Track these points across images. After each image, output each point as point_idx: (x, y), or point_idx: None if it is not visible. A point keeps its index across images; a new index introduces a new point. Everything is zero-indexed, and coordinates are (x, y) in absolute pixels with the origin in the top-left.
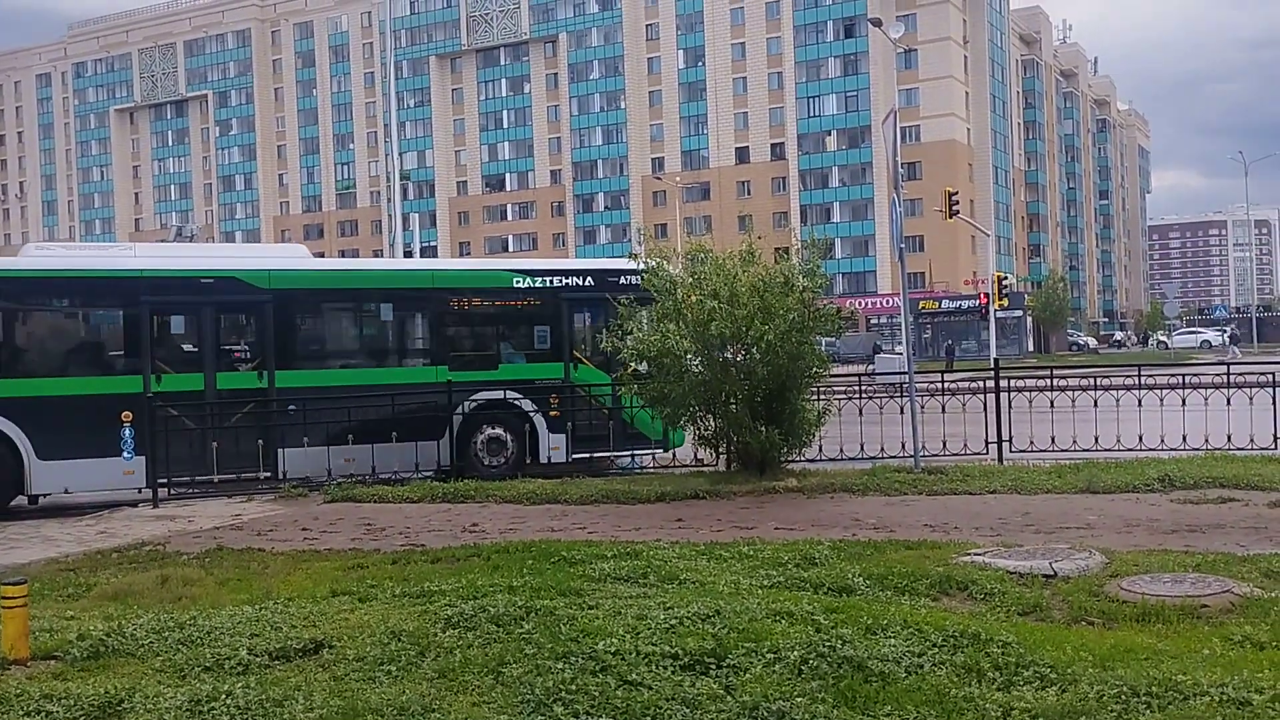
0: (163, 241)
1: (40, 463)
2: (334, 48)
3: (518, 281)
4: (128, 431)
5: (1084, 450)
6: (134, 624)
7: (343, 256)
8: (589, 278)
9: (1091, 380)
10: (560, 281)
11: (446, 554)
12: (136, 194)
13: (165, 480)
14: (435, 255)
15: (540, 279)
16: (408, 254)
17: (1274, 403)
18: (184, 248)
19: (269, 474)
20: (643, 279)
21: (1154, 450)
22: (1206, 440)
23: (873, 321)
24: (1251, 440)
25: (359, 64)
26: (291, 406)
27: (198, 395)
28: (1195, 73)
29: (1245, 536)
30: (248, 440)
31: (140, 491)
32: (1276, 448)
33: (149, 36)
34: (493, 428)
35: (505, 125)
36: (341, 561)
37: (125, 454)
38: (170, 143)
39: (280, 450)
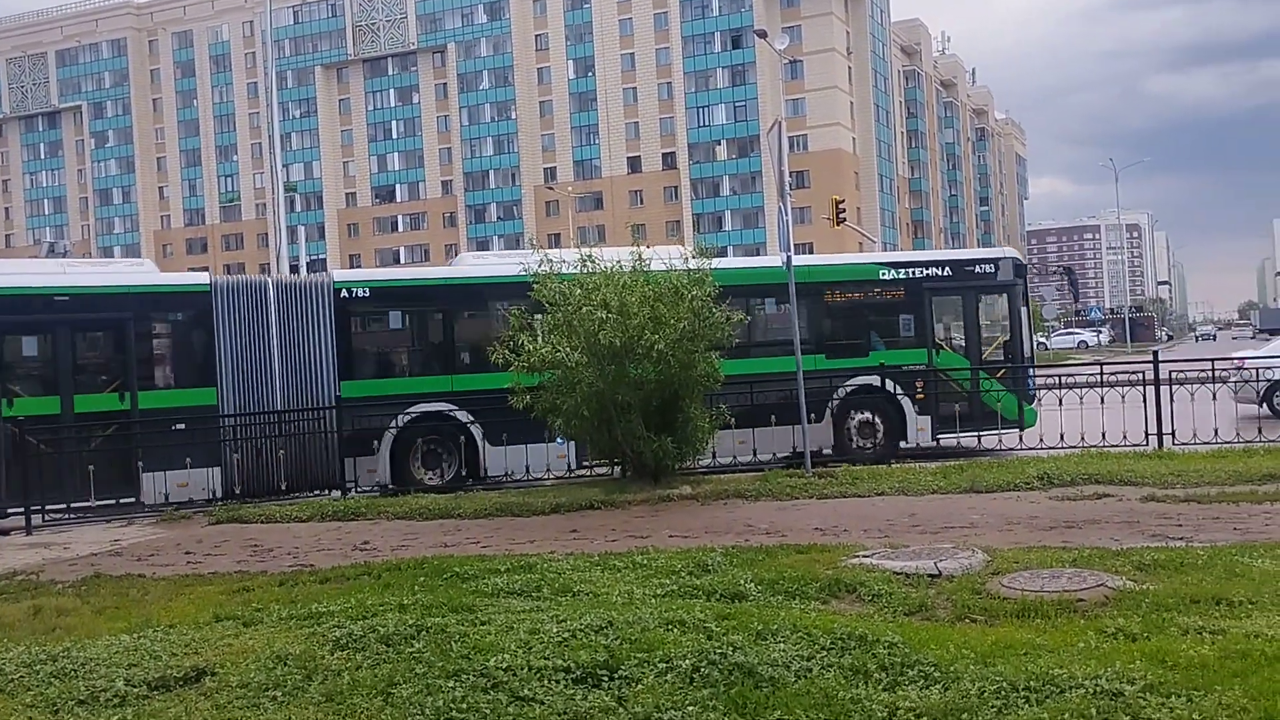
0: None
1: (491, 448)
2: (215, 57)
3: (884, 274)
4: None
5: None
6: (3, 658)
7: (227, 272)
8: (948, 268)
9: None
10: (923, 272)
11: (336, 574)
12: (7, 209)
13: (588, 463)
14: (324, 269)
15: (904, 270)
16: (294, 269)
17: (1144, 401)
18: (571, 252)
19: None
20: (533, 289)
21: (1034, 449)
22: (1083, 438)
23: None
24: (1125, 437)
25: (241, 74)
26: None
27: None
28: (1058, 84)
29: (1119, 531)
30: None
31: (570, 472)
32: (1148, 444)
33: (18, 46)
34: (863, 412)
35: (394, 136)
36: (226, 585)
37: (558, 440)
38: (43, 155)
39: None
